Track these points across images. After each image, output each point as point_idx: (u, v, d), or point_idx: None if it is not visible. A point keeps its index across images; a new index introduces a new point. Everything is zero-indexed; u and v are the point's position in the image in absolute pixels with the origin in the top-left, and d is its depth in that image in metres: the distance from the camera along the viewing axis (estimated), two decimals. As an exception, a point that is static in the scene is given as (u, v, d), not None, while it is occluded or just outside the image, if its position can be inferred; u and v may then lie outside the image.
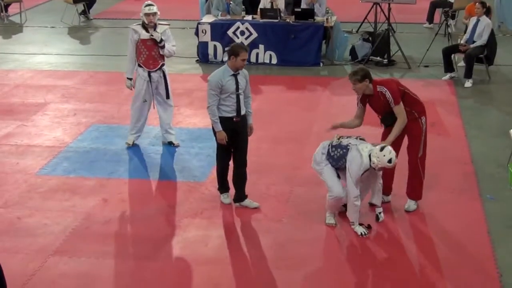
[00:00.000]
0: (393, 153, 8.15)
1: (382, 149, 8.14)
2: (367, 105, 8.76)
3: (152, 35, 10.52)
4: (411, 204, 8.98)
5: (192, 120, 12.19)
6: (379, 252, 8.15)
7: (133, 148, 11.03)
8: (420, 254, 8.09)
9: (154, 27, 10.58)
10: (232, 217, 8.93)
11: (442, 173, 10.05)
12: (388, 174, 8.95)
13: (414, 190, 8.98)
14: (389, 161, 8.12)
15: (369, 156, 8.19)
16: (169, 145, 11.00)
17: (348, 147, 8.33)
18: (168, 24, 10.83)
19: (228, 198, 9.26)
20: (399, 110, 8.50)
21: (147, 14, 10.50)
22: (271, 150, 10.95)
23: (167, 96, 10.85)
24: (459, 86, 13.86)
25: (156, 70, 10.70)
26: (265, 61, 15.44)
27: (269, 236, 8.49)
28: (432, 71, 14.77)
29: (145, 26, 10.58)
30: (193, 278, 7.74)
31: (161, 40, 10.56)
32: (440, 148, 10.85)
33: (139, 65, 10.74)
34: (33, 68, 15.42)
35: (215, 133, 8.89)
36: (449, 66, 14.26)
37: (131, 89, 10.99)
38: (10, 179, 10.06)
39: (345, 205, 8.70)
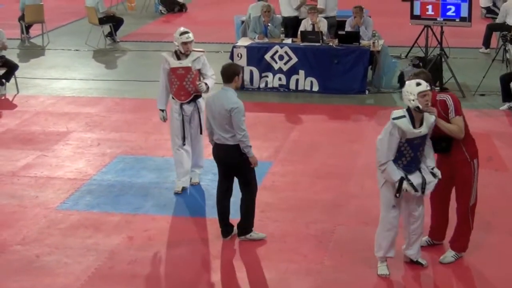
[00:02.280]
0: (417, 80, 8.00)
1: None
2: None
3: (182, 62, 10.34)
4: (448, 255, 8.74)
5: (225, 152, 12.20)
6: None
7: (163, 182, 11.06)
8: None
9: (187, 55, 10.39)
10: (269, 258, 8.90)
11: (500, 213, 9.94)
12: (441, 218, 8.89)
13: (459, 240, 8.74)
14: (417, 84, 7.94)
15: (407, 110, 8.01)
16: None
17: None
18: (203, 51, 10.61)
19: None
20: (459, 121, 8.26)
21: (184, 43, 10.28)
22: (311, 185, 10.93)
23: (201, 131, 10.60)
24: (518, 117, 13.78)
25: (189, 102, 10.48)
26: (305, 88, 15.48)
27: (309, 279, 8.44)
28: (488, 100, 14.68)
29: (176, 54, 10.42)
30: (226, 325, 7.74)
31: (207, 87, 10.38)
32: (497, 185, 10.76)
33: (172, 97, 10.56)
34: (55, 94, 15.62)
35: (242, 163, 9.10)
36: (507, 95, 14.15)
37: (164, 121, 10.84)
38: (29, 213, 10.14)
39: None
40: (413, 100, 7.91)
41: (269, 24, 16.01)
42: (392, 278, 8.38)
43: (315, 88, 15.44)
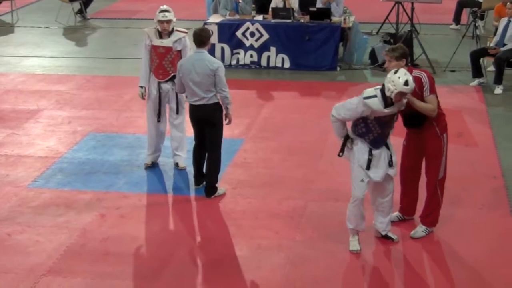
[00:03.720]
0: (409, 75, 7.88)
1: (395, 72, 7.90)
2: None
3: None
4: (419, 230, 8.83)
5: (197, 129, 12.19)
6: (402, 278, 8.13)
7: (135, 159, 11.05)
8: (445, 277, 8.07)
9: (169, 34, 10.35)
10: (241, 235, 8.94)
11: (470, 188, 10.04)
12: (411, 194, 8.98)
13: (430, 215, 8.82)
14: (405, 83, 7.79)
15: (381, 90, 7.94)
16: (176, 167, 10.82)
17: None
18: (186, 32, 10.54)
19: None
20: (432, 100, 8.27)
21: (160, 21, 10.24)
22: (283, 162, 10.97)
23: (177, 111, 10.54)
24: (488, 92, 13.86)
25: (166, 81, 10.41)
26: (277, 65, 15.48)
27: (280, 255, 8.49)
28: (459, 76, 14.77)
29: (160, 32, 10.35)
30: (198, 301, 7.77)
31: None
32: (467, 160, 10.85)
33: (151, 74, 10.47)
34: (25, 71, 15.51)
35: (218, 120, 9.63)
36: (477, 71, 14.25)
37: (143, 99, 10.68)
38: (0, 192, 10.09)
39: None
40: (392, 92, 7.86)
41: (240, 1, 15.98)
42: (362, 253, 8.44)
43: (287, 64, 15.45)
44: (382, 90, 7.97)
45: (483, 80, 14.25)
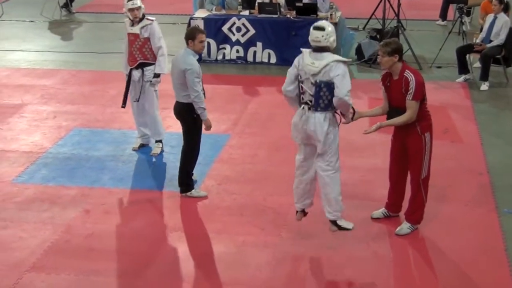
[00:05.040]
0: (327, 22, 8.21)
1: (328, 26, 8.12)
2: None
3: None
4: (404, 227, 8.81)
5: (183, 124, 12.14)
6: (389, 273, 8.12)
7: (120, 154, 10.99)
8: (431, 273, 8.06)
9: (139, 21, 10.67)
10: (227, 231, 8.90)
11: (456, 184, 10.04)
12: (398, 190, 8.97)
13: (413, 213, 8.81)
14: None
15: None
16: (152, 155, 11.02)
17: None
18: (152, 20, 10.72)
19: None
20: (413, 106, 8.28)
21: (131, 10, 10.60)
22: (269, 157, 10.94)
23: (138, 99, 10.81)
24: (474, 89, 13.87)
25: (137, 68, 10.72)
26: (263, 60, 15.45)
27: (266, 251, 8.46)
28: (445, 73, 14.77)
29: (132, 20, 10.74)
30: (183, 298, 7.72)
31: (155, 74, 10.67)
32: (453, 156, 10.85)
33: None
34: (10, 66, 15.41)
35: (190, 123, 9.43)
36: (463, 67, 14.26)
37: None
38: (-16, 187, 10.03)
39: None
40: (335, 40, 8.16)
41: (227, -4, 15.97)
42: (348, 250, 8.43)
43: (273, 60, 15.42)
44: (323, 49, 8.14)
45: (469, 76, 14.26)
